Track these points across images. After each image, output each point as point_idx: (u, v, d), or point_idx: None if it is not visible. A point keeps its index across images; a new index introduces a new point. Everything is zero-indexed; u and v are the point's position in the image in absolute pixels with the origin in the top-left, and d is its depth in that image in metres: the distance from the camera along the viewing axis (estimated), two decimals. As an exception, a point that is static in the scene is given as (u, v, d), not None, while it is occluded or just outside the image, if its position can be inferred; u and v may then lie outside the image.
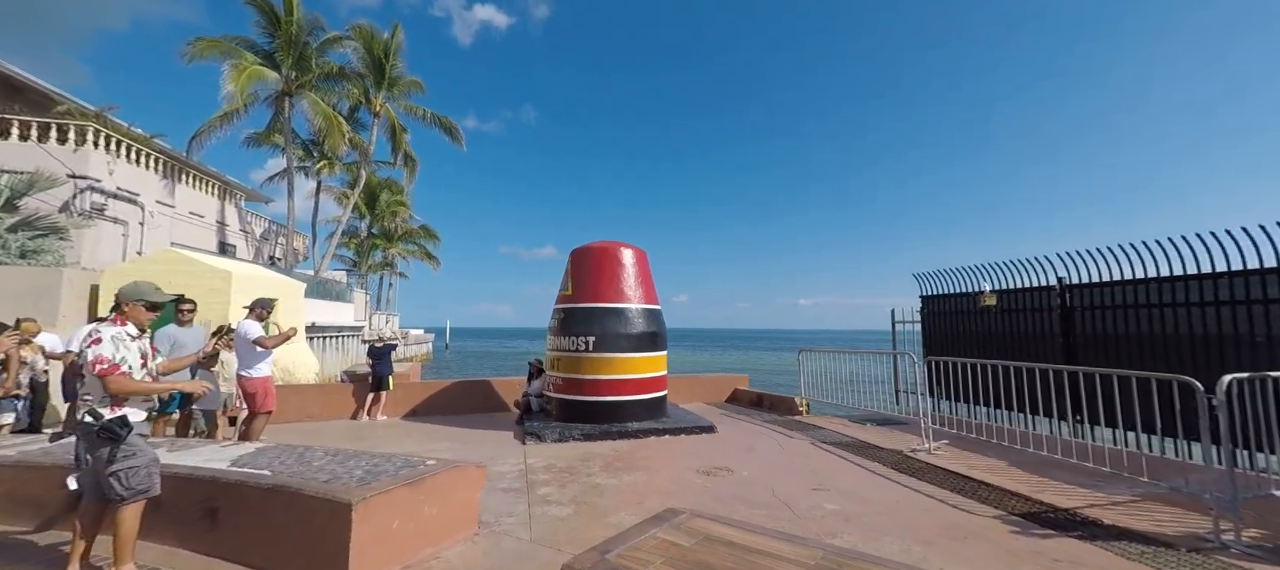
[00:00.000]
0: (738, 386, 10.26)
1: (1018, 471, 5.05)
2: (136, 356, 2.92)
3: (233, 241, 20.60)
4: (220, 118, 17.67)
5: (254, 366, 5.31)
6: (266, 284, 10.60)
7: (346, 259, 30.05)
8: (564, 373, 7.23)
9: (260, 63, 17.52)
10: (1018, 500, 4.20)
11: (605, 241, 7.78)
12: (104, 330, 2.87)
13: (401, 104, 21.53)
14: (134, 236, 15.19)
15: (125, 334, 2.93)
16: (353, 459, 3.61)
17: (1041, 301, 7.07)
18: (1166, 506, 4.10)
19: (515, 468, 5.29)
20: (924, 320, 9.07)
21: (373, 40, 19.74)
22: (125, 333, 2.94)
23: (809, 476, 4.88)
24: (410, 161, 23.71)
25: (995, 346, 7.65)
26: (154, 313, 3.06)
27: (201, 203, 18.73)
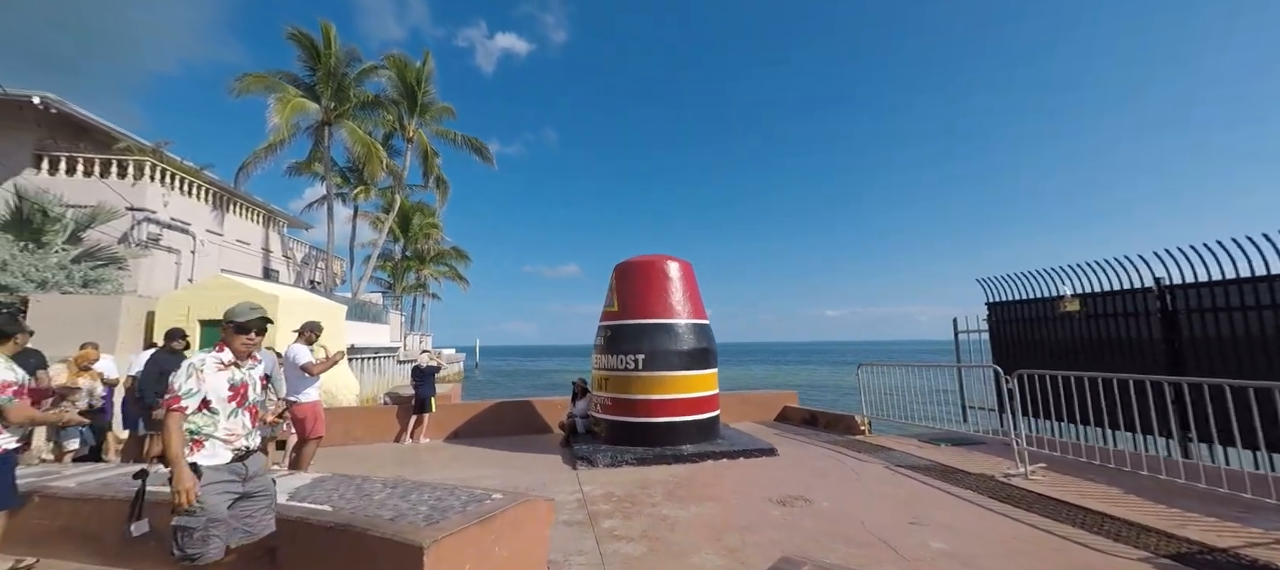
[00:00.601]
0: (787, 404, 9.75)
1: (1140, 500, 4.45)
2: (222, 387, 2.51)
3: (276, 267, 21.17)
4: (265, 149, 18.26)
5: (302, 391, 5.16)
6: (311, 308, 10.67)
7: (382, 281, 30.62)
8: (613, 393, 6.90)
9: (302, 95, 18.09)
10: (1158, 538, 3.63)
11: (650, 255, 7.48)
12: (197, 356, 2.56)
13: (433, 129, 21.93)
14: (186, 264, 15.68)
15: (216, 360, 2.56)
16: (414, 492, 3.34)
17: (1137, 305, 6.43)
18: (1345, 544, 3.48)
19: (572, 496, 4.96)
20: (992, 329, 8.43)
21: (406, 68, 20.21)
22: (217, 358, 2.57)
23: (899, 508, 4.39)
24: (442, 184, 24.10)
25: (1081, 356, 7.00)
26: (245, 335, 2.62)
27: (247, 230, 19.32)
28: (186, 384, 2.44)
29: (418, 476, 5.96)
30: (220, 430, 2.49)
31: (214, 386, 2.50)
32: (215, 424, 2.49)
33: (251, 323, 2.63)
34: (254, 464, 2.62)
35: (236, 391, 2.57)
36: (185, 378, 2.45)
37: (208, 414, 2.48)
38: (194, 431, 2.46)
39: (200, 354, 2.56)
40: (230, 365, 2.59)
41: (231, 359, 2.60)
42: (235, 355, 2.62)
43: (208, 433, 2.48)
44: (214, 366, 2.54)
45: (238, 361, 2.62)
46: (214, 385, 2.50)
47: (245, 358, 2.66)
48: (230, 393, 2.54)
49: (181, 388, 2.43)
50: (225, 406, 2.52)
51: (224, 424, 2.51)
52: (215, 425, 2.49)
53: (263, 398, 2.69)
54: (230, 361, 2.60)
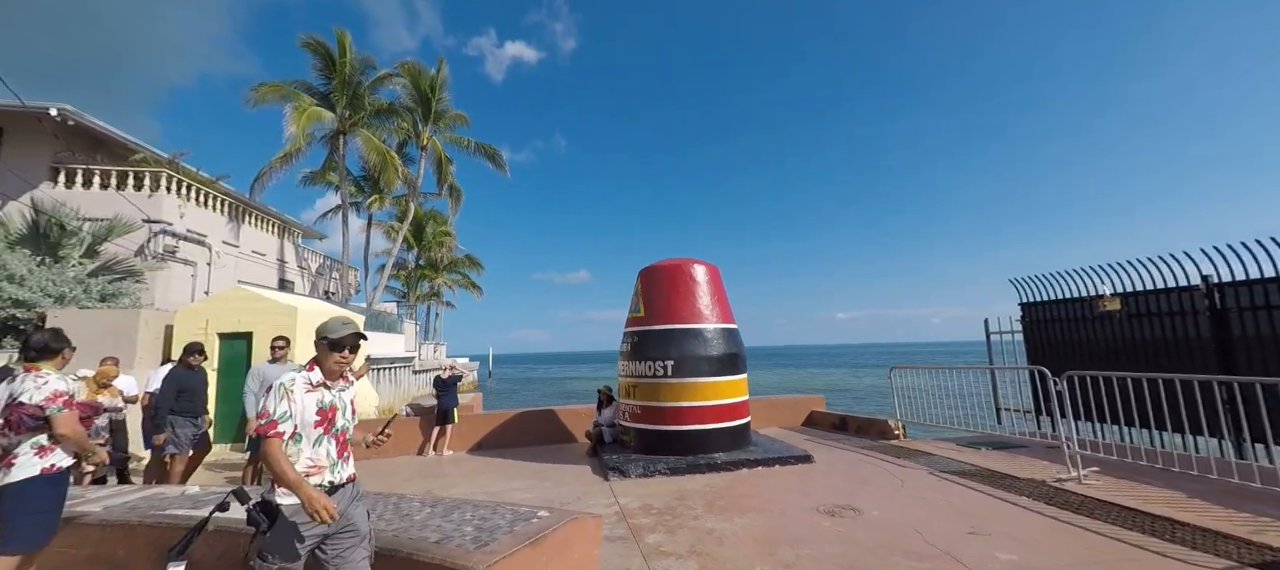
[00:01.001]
0: (814, 408, 9.55)
1: (1205, 504, 4.23)
2: (310, 411, 2.24)
3: (291, 278, 21.25)
4: (281, 158, 18.34)
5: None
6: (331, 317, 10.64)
7: (395, 291, 30.71)
8: (642, 401, 6.76)
9: (317, 103, 18.18)
10: (1237, 545, 3.43)
11: (676, 259, 7.34)
12: (287, 375, 2.29)
13: (447, 136, 21.96)
14: (202, 277, 15.75)
15: (305, 380, 2.29)
16: (456, 510, 3.21)
17: (1183, 303, 6.20)
18: None
19: (610, 509, 4.82)
20: (1027, 330, 8.21)
21: (420, 76, 20.27)
22: (306, 378, 2.30)
23: (953, 516, 4.21)
24: (455, 192, 24.12)
25: (1123, 356, 6.76)
26: (339, 353, 2.34)
27: (263, 241, 19.42)
28: (279, 406, 2.19)
29: (447, 491, 5.87)
30: (302, 460, 2.22)
31: (303, 409, 2.24)
32: (296, 453, 2.22)
33: (346, 339, 2.35)
34: (343, 499, 2.30)
35: (324, 416, 2.29)
36: (277, 399, 2.20)
37: (288, 443, 2.21)
38: None
39: (289, 372, 2.31)
40: (319, 386, 2.32)
41: (321, 379, 2.34)
42: (326, 375, 2.35)
43: (293, 459, 2.21)
44: (303, 387, 2.27)
45: (328, 382, 2.36)
46: (303, 408, 2.24)
47: (336, 378, 2.39)
48: (317, 417, 2.26)
49: (275, 410, 2.18)
50: (310, 433, 2.24)
51: (307, 453, 2.24)
52: (297, 455, 2.22)
53: (351, 422, 2.43)
54: (319, 382, 2.33)
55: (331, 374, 2.37)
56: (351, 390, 2.47)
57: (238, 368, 8.97)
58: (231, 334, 9.31)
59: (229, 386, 8.93)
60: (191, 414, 5.65)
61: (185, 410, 5.59)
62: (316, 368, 2.36)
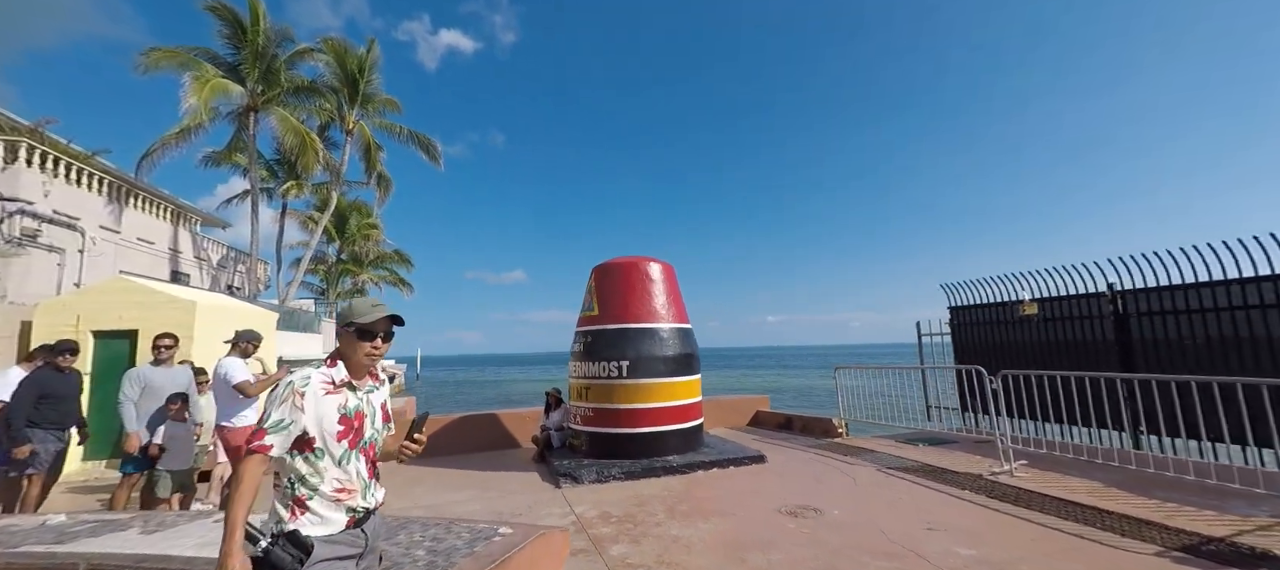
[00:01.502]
0: (759, 408, 9.69)
1: (1121, 493, 4.61)
2: (332, 417, 1.72)
3: (186, 270, 18.90)
4: (176, 134, 16.22)
5: (237, 413, 4.39)
6: (237, 315, 9.44)
7: (313, 287, 28.20)
8: (594, 403, 6.49)
9: (223, 75, 16.26)
10: (1159, 531, 3.72)
11: (632, 256, 7.14)
12: (299, 372, 1.75)
13: (376, 121, 20.45)
14: (72, 266, 13.58)
15: (324, 379, 1.76)
16: (402, 530, 2.81)
17: (1091, 309, 6.82)
18: (1318, 529, 3.70)
19: (566, 519, 4.51)
20: (955, 332, 8.76)
21: (346, 55, 18.72)
22: (326, 377, 1.77)
23: (909, 513, 4.30)
24: (384, 181, 22.50)
25: (1039, 357, 7.35)
26: (371, 343, 1.81)
27: (152, 228, 17.11)
28: (278, 413, 1.65)
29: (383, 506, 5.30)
30: (327, 482, 1.68)
31: (321, 416, 1.70)
32: (321, 473, 1.68)
33: (379, 325, 1.82)
34: (374, 530, 1.83)
35: (349, 425, 1.75)
36: (278, 402, 1.67)
37: (310, 458, 1.68)
38: (292, 486, 1.67)
39: (304, 370, 1.77)
40: (343, 386, 1.78)
41: (345, 378, 1.80)
42: (351, 372, 1.82)
43: (313, 486, 1.67)
44: (322, 387, 1.74)
45: (354, 382, 1.81)
46: (322, 414, 1.70)
47: (364, 377, 1.85)
48: (341, 426, 1.73)
49: (270, 417, 1.65)
50: (335, 446, 1.71)
51: (333, 473, 1.70)
52: (321, 474, 1.68)
53: (382, 433, 1.90)
54: (343, 381, 1.79)
55: (358, 371, 1.83)
56: (382, 392, 1.94)
57: (117, 373, 7.69)
58: (110, 332, 8.00)
59: (105, 395, 7.64)
60: (57, 426, 4.69)
61: (49, 421, 4.62)
62: (339, 363, 1.82)
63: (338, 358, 1.84)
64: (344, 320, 1.84)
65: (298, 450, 1.68)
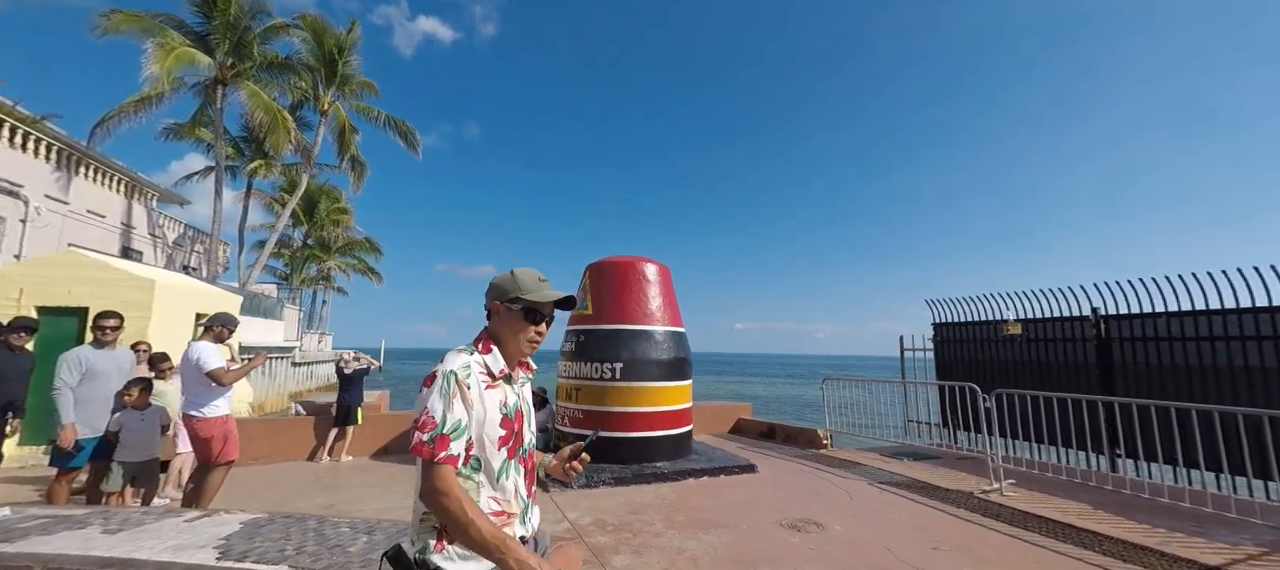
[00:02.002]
0: (741, 416, 9.64)
1: (1111, 516, 4.68)
2: (494, 418, 1.42)
3: (139, 247, 17.77)
4: (136, 103, 15.26)
5: (209, 403, 4.02)
6: (198, 296, 8.87)
7: (275, 271, 26.95)
8: (585, 404, 6.29)
9: (190, 44, 15.37)
10: (1156, 558, 3.76)
11: (627, 256, 6.98)
12: (457, 358, 1.42)
13: (352, 104, 19.72)
14: (12, 236, 12.57)
15: (482, 367, 1.45)
16: (403, 534, 2.56)
17: (1074, 331, 7.00)
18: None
19: (558, 525, 4.30)
20: (938, 348, 8.89)
21: (324, 33, 17.99)
22: (483, 364, 1.45)
23: (910, 531, 4.26)
24: (358, 165, 21.70)
25: (1022, 376, 7.51)
26: (538, 325, 1.52)
27: (103, 200, 16.02)
28: (453, 413, 1.33)
29: (354, 507, 4.98)
30: (482, 499, 1.39)
31: (484, 416, 1.40)
32: (478, 487, 1.40)
33: (547, 305, 1.51)
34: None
35: (510, 428, 1.46)
36: (444, 397, 1.34)
37: (464, 471, 1.37)
38: None
39: (460, 356, 1.43)
40: (500, 379, 1.47)
41: (504, 367, 1.48)
42: (508, 361, 1.50)
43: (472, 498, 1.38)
44: (482, 379, 1.42)
45: (510, 373, 1.50)
46: (482, 415, 1.40)
47: (515, 366, 1.53)
48: (503, 430, 1.43)
49: (447, 420, 1.32)
50: (494, 455, 1.41)
51: (489, 490, 1.41)
52: (478, 488, 1.40)
53: (535, 438, 1.61)
54: (502, 372, 1.48)
55: (513, 360, 1.51)
56: (529, 388, 1.62)
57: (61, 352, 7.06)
58: (57, 309, 7.37)
59: (46, 376, 7.02)
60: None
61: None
62: (494, 349, 1.49)
63: (490, 341, 1.50)
64: (504, 295, 1.50)
65: None
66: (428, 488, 1.29)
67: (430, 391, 1.36)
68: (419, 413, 1.34)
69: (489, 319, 1.54)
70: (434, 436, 1.30)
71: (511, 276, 1.52)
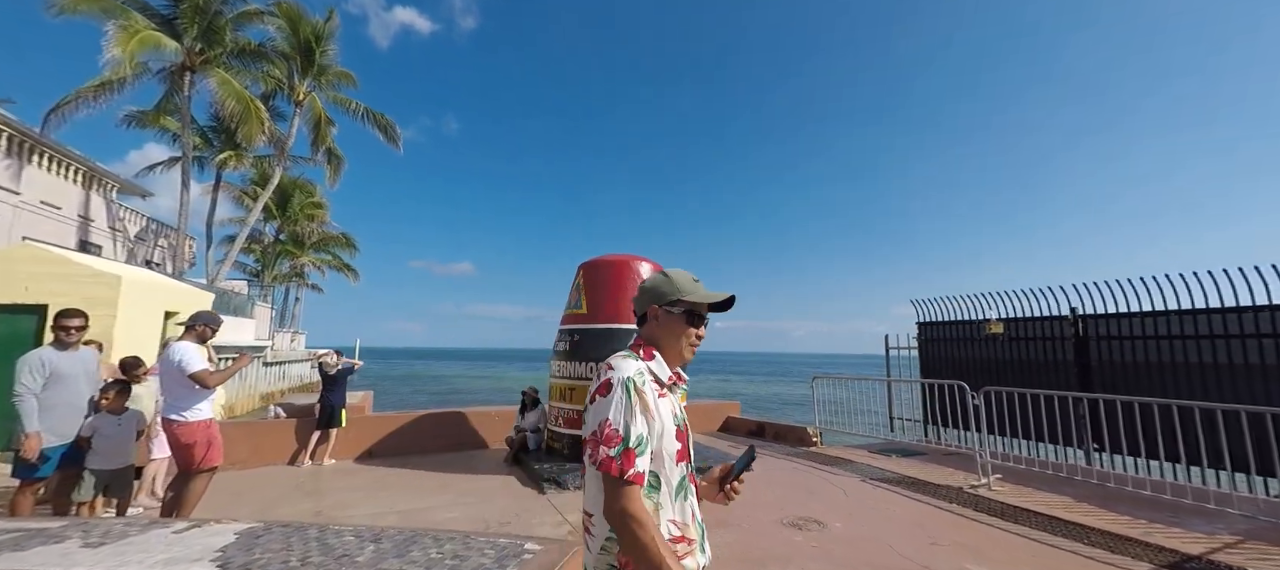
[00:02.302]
0: (730, 414, 9.70)
1: (1094, 509, 4.84)
2: (671, 428, 1.30)
3: (98, 241, 16.94)
4: (95, 88, 14.49)
5: (191, 406, 3.82)
6: (168, 294, 8.47)
7: (246, 267, 25.99)
8: (580, 405, 6.20)
9: (156, 27, 14.67)
10: (1141, 548, 3.90)
11: (622, 254, 6.93)
12: (622, 366, 1.31)
13: (329, 95, 19.12)
14: (-42, 227, 11.84)
15: (647, 374, 1.33)
16: (413, 544, 2.48)
17: (1054, 330, 7.22)
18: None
19: (559, 528, 4.25)
20: (922, 347, 9.08)
21: (300, 21, 17.38)
22: (648, 373, 1.33)
23: (909, 527, 4.32)
24: (335, 158, 21.06)
25: (1003, 374, 7.72)
26: (699, 327, 1.42)
27: (58, 190, 15.22)
28: (637, 425, 1.23)
29: (343, 512, 4.84)
30: (663, 520, 1.27)
31: (661, 430, 1.28)
32: (656, 508, 1.27)
33: (707, 305, 1.43)
34: None
35: (684, 440, 1.35)
36: (627, 407, 1.23)
37: (648, 486, 1.26)
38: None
39: (630, 361, 1.33)
40: (668, 388, 1.37)
41: (671, 375, 1.39)
42: (669, 364, 1.40)
43: None
44: (653, 388, 1.31)
45: (677, 381, 1.40)
46: (661, 428, 1.28)
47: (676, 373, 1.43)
48: (680, 443, 1.32)
49: (632, 433, 1.22)
50: (674, 472, 1.30)
51: (669, 513, 1.28)
52: (656, 510, 1.27)
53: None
54: (670, 380, 1.38)
55: (674, 365, 1.41)
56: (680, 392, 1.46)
57: (18, 354, 6.63)
58: (11, 307, 6.92)
59: (1, 378, 6.60)
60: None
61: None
62: (656, 355, 1.39)
63: (650, 347, 1.40)
64: (662, 297, 1.41)
65: None
66: (616, 509, 1.17)
67: (609, 401, 1.24)
68: (597, 425, 1.23)
69: (641, 325, 1.46)
70: (622, 451, 1.19)
71: (667, 278, 1.44)
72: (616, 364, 1.31)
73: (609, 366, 1.32)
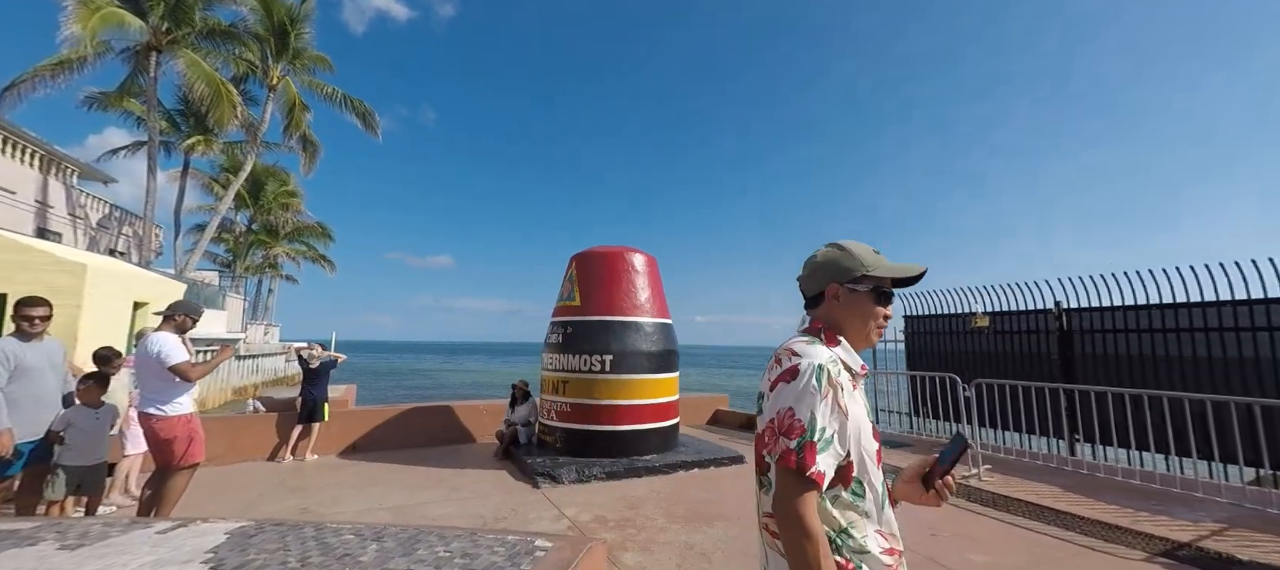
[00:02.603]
0: (718, 407, 9.72)
1: (1082, 498, 4.93)
2: (867, 425, 1.18)
3: (57, 228, 16.13)
4: (51, 67, 13.74)
5: (171, 400, 3.62)
6: (137, 283, 8.09)
7: (217, 257, 25.05)
8: (573, 398, 6.12)
9: (118, 4, 13.94)
10: (1132, 536, 3.98)
11: (615, 246, 6.84)
12: (811, 351, 1.14)
13: (304, 79, 18.48)
14: (-97, 211, 11.12)
15: (835, 360, 1.15)
16: (419, 543, 2.36)
17: (1038, 324, 7.37)
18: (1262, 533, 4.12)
19: (557, 523, 4.17)
20: (908, 340, 9.20)
21: (274, 1, 16.74)
22: (836, 360, 1.16)
23: (905, 517, 4.23)
24: (310, 145, 20.40)
25: (989, 366, 7.87)
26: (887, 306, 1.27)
27: (13, 174, 14.42)
28: (824, 416, 1.07)
29: (330, 508, 4.69)
30: (870, 537, 1.13)
31: (859, 426, 1.14)
32: (865, 518, 1.14)
33: (899, 280, 1.25)
34: None
35: (878, 439, 1.22)
36: (812, 397, 1.07)
37: (850, 498, 1.13)
38: (834, 536, 1.10)
39: (818, 347, 1.15)
40: (858, 378, 1.21)
41: (863, 366, 1.23)
42: (853, 345, 1.24)
43: (859, 545, 1.11)
44: (847, 379, 1.15)
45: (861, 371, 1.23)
46: (859, 422, 1.14)
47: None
48: (876, 442, 1.19)
49: (816, 424, 1.06)
50: (875, 475, 1.15)
51: (877, 521, 1.15)
52: (865, 520, 1.14)
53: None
54: (862, 370, 1.22)
55: (862, 347, 1.26)
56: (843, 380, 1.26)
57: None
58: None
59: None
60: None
61: None
62: (841, 340, 1.22)
63: (834, 333, 1.21)
64: (846, 273, 1.21)
65: (831, 486, 1.09)
66: (785, 508, 1.03)
67: (794, 388, 1.08)
68: (778, 413, 1.08)
69: (814, 306, 1.27)
70: (803, 443, 1.04)
71: (846, 252, 1.24)
72: (803, 350, 1.14)
73: (793, 352, 1.15)
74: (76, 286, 6.82)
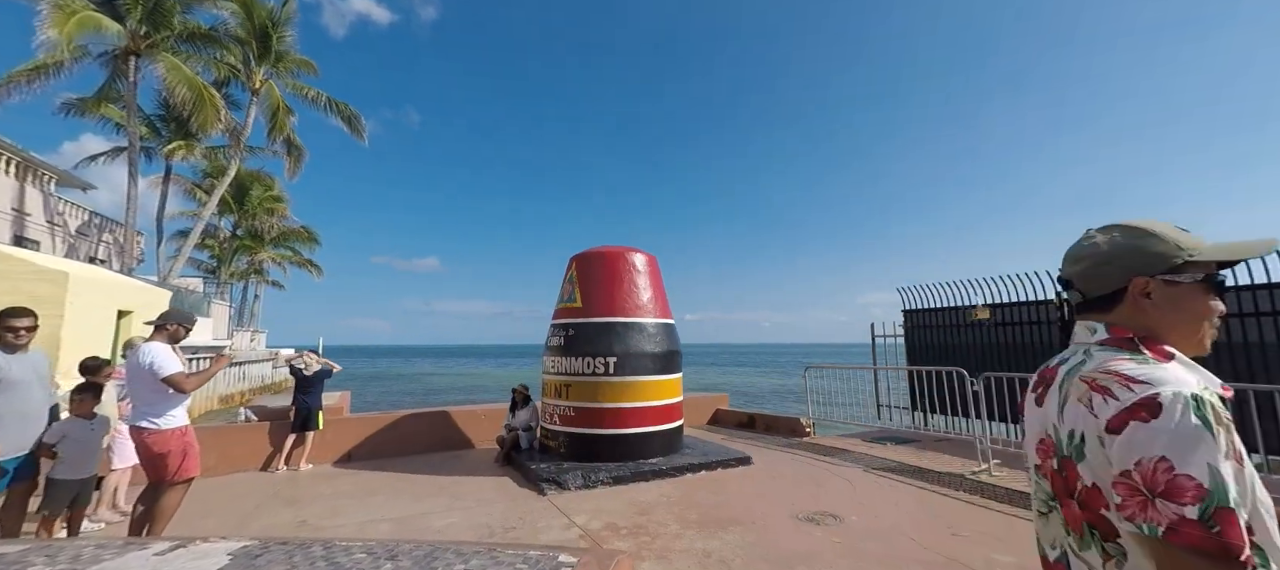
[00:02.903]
0: (719, 406, 9.63)
1: (1093, 489, 4.94)
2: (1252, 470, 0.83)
3: (35, 236, 15.67)
4: (26, 73, 13.32)
5: (164, 412, 3.45)
6: (121, 291, 7.83)
7: (201, 264, 24.52)
8: (576, 401, 6.00)
9: (96, 8, 13.55)
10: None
11: (615, 246, 6.73)
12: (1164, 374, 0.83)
13: (288, 83, 18.12)
14: None
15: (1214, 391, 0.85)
16: (436, 558, 2.23)
17: (1041, 315, 7.37)
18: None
19: (568, 532, 4.05)
20: (908, 334, 9.19)
21: (254, 4, 16.35)
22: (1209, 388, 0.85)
23: (924, 518, 4.29)
24: (295, 149, 20.00)
25: (989, 359, 7.86)
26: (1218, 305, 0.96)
27: (-12, 182, 13.97)
28: (1223, 465, 0.75)
29: (330, 520, 4.52)
30: None
31: (1253, 474, 0.82)
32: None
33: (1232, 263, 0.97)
34: None
35: None
36: (1204, 441, 0.76)
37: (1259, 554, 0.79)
38: None
39: (1163, 368, 0.85)
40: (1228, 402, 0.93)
41: (1226, 388, 0.93)
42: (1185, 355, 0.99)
43: None
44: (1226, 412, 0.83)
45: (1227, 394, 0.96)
46: (1253, 471, 0.82)
47: None
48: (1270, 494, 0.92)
49: (1218, 474, 0.74)
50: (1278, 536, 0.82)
51: None
52: None
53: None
54: (1229, 395, 0.92)
55: (1194, 353, 0.96)
56: None
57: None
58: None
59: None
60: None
61: None
62: (1175, 355, 0.92)
63: (1156, 341, 0.92)
64: (1163, 261, 0.92)
65: None
66: None
67: (1164, 428, 0.77)
68: (1141, 464, 0.77)
69: (1101, 310, 0.98)
70: (1209, 509, 0.73)
71: (1151, 234, 0.94)
72: (1147, 373, 0.83)
73: (1129, 379, 0.83)
74: (58, 295, 6.57)
